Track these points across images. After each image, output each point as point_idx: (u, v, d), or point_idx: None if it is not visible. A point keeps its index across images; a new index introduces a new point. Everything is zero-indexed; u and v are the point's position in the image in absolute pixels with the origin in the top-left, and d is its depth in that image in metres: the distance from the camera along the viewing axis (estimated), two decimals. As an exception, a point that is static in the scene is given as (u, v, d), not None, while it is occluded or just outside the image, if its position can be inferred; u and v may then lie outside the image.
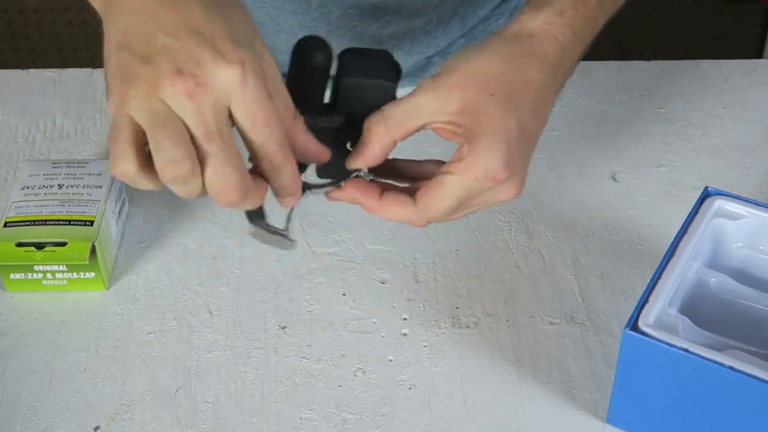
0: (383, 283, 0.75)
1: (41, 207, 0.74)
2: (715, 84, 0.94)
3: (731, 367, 0.56)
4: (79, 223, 0.73)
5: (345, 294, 0.74)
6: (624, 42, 2.05)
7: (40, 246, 0.72)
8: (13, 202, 0.75)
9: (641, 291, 0.62)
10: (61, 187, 0.76)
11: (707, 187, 0.68)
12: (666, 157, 0.86)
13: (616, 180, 0.84)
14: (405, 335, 0.71)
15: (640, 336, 0.59)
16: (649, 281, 0.62)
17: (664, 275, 0.62)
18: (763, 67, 0.96)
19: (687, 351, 0.58)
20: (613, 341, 0.70)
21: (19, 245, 0.72)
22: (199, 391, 0.68)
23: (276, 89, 0.61)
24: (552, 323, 0.72)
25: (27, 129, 0.89)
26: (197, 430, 0.65)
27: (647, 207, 0.81)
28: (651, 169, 0.85)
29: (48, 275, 0.73)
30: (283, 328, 0.72)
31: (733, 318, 0.65)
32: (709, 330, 0.61)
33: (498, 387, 0.68)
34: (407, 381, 0.68)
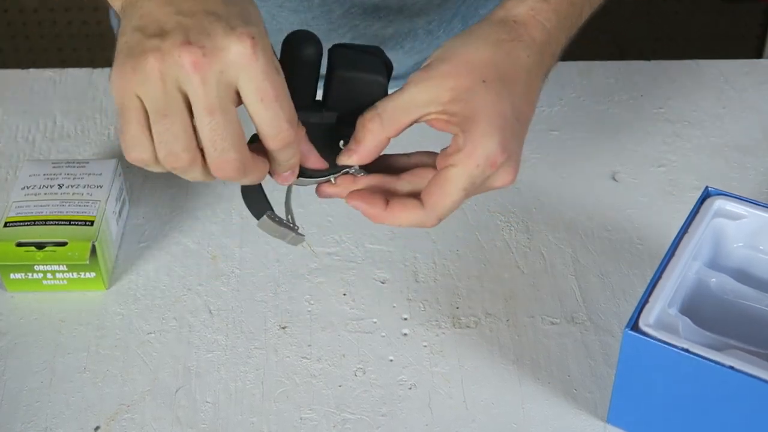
0: (383, 283, 0.75)
1: (41, 207, 0.74)
2: (715, 84, 0.94)
3: (731, 367, 0.56)
4: (79, 223, 0.73)
5: (345, 294, 0.74)
6: (624, 42, 2.05)
7: (40, 246, 0.72)
8: (14, 202, 0.75)
9: (641, 291, 0.62)
10: (61, 187, 0.76)
11: (707, 187, 0.68)
12: (666, 157, 0.86)
13: (616, 180, 0.84)
14: (405, 335, 0.71)
15: (640, 336, 0.59)
16: (650, 281, 0.62)
17: (664, 275, 0.62)
18: (763, 67, 0.96)
19: (687, 351, 0.58)
20: (613, 341, 0.70)
21: (20, 245, 0.72)
22: (199, 391, 0.68)
23: (281, 71, 0.60)
24: (552, 323, 0.72)
25: (27, 129, 0.89)
26: (197, 430, 0.65)
27: (647, 207, 0.81)
28: (651, 169, 0.85)
29: (48, 275, 0.73)
30: (284, 328, 0.72)
31: (734, 318, 0.65)
32: (710, 330, 0.61)
33: (498, 387, 0.68)
34: (407, 381, 0.68)
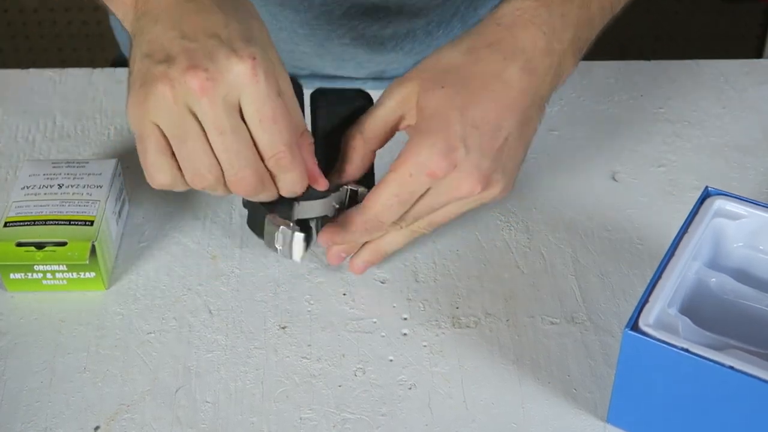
0: (383, 283, 0.75)
1: (41, 207, 0.74)
2: (715, 84, 0.94)
3: (731, 367, 0.56)
4: (79, 223, 0.73)
5: (345, 294, 0.74)
6: (624, 42, 2.05)
7: (40, 246, 0.72)
8: (13, 202, 0.75)
9: (641, 291, 0.62)
10: (61, 187, 0.76)
11: (707, 187, 0.68)
12: (666, 157, 0.86)
13: (616, 180, 0.84)
14: (405, 335, 0.71)
15: (640, 336, 0.59)
16: (650, 281, 0.62)
17: (664, 275, 0.62)
18: (763, 67, 0.96)
19: (687, 351, 0.58)
20: (613, 341, 0.70)
21: (19, 245, 0.72)
22: (199, 391, 0.68)
23: (286, 92, 0.61)
24: (552, 323, 0.72)
25: (27, 129, 0.89)
26: (197, 430, 0.65)
27: (647, 207, 0.81)
28: (651, 169, 0.85)
29: (48, 275, 0.73)
30: (283, 328, 0.72)
31: (734, 318, 0.65)
32: (710, 330, 0.61)
33: (498, 387, 0.68)
34: (407, 381, 0.68)
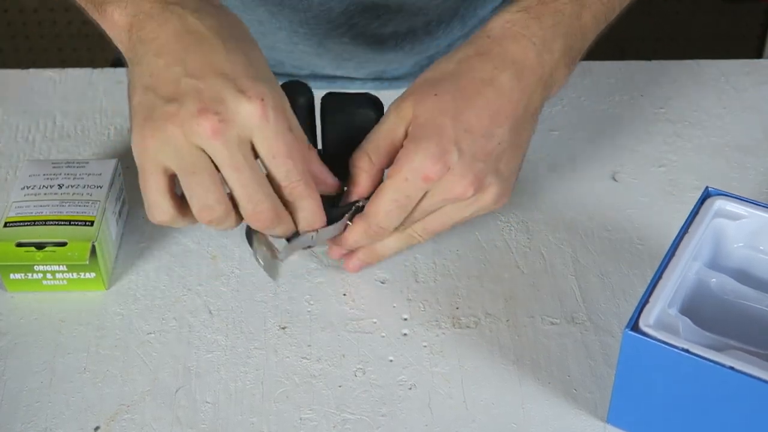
0: (383, 283, 0.75)
1: (41, 207, 0.74)
2: (715, 84, 0.94)
3: (731, 368, 0.56)
4: (79, 223, 0.73)
5: (345, 294, 0.74)
6: (624, 42, 2.05)
7: (40, 246, 0.72)
8: (13, 202, 0.75)
9: (641, 291, 0.62)
10: (61, 187, 0.76)
11: (707, 187, 0.68)
12: (666, 157, 0.86)
13: (616, 180, 0.84)
14: (405, 335, 0.71)
15: (640, 336, 0.59)
16: (650, 281, 0.62)
17: (664, 275, 0.62)
18: (764, 67, 0.96)
19: (687, 351, 0.58)
20: (613, 341, 0.70)
21: (19, 245, 0.72)
22: (199, 391, 0.68)
23: (292, 121, 0.63)
24: (552, 323, 0.72)
25: (27, 129, 0.89)
26: (197, 430, 0.65)
27: (647, 207, 0.81)
28: (651, 169, 0.85)
29: (48, 275, 0.73)
30: (283, 328, 0.72)
31: (734, 318, 0.65)
32: (710, 330, 0.61)
33: (498, 387, 0.68)
34: (407, 381, 0.68)
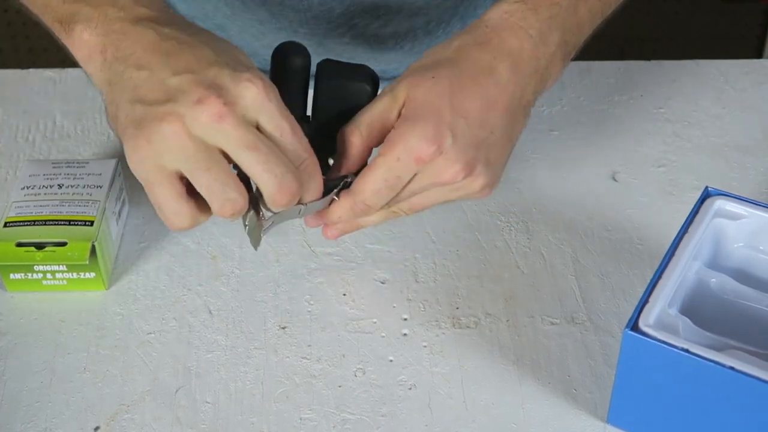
0: (383, 283, 0.75)
1: (41, 207, 0.74)
2: (715, 84, 0.94)
3: (731, 368, 0.56)
4: (79, 223, 0.73)
5: (345, 294, 0.74)
6: (624, 42, 2.05)
7: (40, 246, 0.72)
8: (13, 202, 0.75)
9: (641, 291, 0.62)
10: (61, 187, 0.76)
11: (707, 187, 0.68)
12: (666, 157, 0.86)
13: (616, 180, 0.84)
14: (405, 335, 0.71)
15: (640, 336, 0.59)
16: (650, 281, 0.62)
17: (664, 275, 0.62)
18: (763, 67, 0.96)
19: (687, 351, 0.58)
20: (613, 341, 0.70)
21: (19, 245, 0.72)
22: (199, 391, 0.68)
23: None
24: (552, 323, 0.72)
25: (27, 129, 0.89)
26: (197, 430, 0.65)
27: (647, 207, 0.81)
28: (651, 169, 0.85)
29: (48, 275, 0.73)
30: (283, 328, 0.72)
31: (734, 318, 0.65)
32: (710, 330, 0.61)
33: (498, 387, 0.68)
34: (407, 381, 0.68)
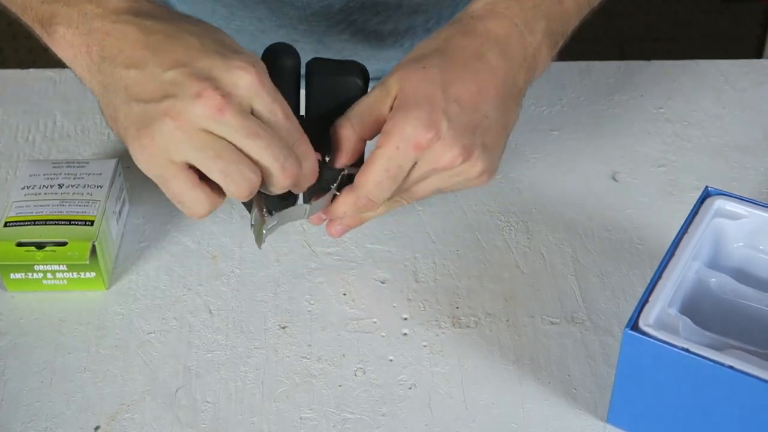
0: (383, 283, 0.75)
1: (41, 207, 0.74)
2: (715, 84, 0.94)
3: (731, 367, 0.57)
4: (80, 223, 0.73)
5: (345, 294, 0.74)
6: (624, 42, 2.05)
7: (40, 246, 0.72)
8: (13, 201, 0.75)
9: (641, 291, 0.62)
10: (61, 187, 0.76)
11: (707, 187, 0.68)
12: (666, 157, 0.86)
13: (616, 180, 0.84)
14: (405, 335, 0.71)
15: (640, 336, 0.59)
16: (650, 281, 0.62)
17: (664, 275, 0.62)
18: (763, 67, 0.96)
19: (687, 351, 0.58)
20: (613, 341, 0.70)
21: (19, 245, 0.72)
22: (199, 391, 0.68)
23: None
24: (552, 323, 0.72)
25: (27, 129, 0.89)
26: (197, 429, 0.65)
27: (647, 207, 0.81)
28: (651, 169, 0.85)
29: (48, 275, 0.73)
30: (283, 327, 0.72)
31: (734, 318, 0.65)
32: (710, 330, 0.61)
33: (498, 387, 0.68)
34: (407, 381, 0.68)
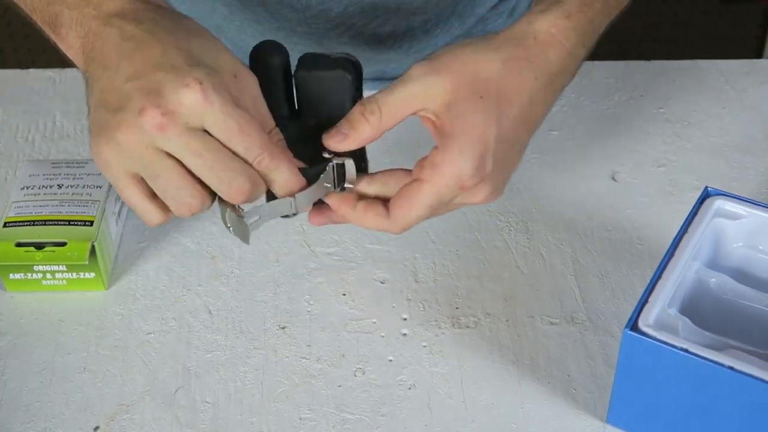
0: (383, 283, 0.75)
1: (41, 207, 0.74)
2: (715, 84, 0.94)
3: (731, 367, 0.57)
4: (79, 223, 0.73)
5: (345, 294, 0.74)
6: (624, 42, 2.05)
7: (39, 246, 0.72)
8: (13, 202, 0.75)
9: (641, 291, 0.62)
10: (61, 187, 0.76)
11: (707, 187, 0.68)
12: (666, 157, 0.86)
13: (616, 180, 0.84)
14: (405, 335, 0.71)
15: (640, 336, 0.59)
16: (649, 281, 0.62)
17: (664, 275, 0.62)
18: (763, 67, 0.96)
19: (687, 351, 0.58)
20: (613, 341, 0.70)
21: (19, 245, 0.72)
22: (199, 391, 0.68)
23: (249, 100, 0.61)
24: (552, 323, 0.72)
25: (27, 129, 0.89)
26: (197, 430, 0.65)
27: (647, 207, 0.81)
28: (651, 169, 0.85)
29: (48, 275, 0.73)
30: (283, 328, 0.72)
31: (733, 318, 0.65)
32: (709, 330, 0.61)
33: (498, 387, 0.68)
34: (407, 381, 0.68)
